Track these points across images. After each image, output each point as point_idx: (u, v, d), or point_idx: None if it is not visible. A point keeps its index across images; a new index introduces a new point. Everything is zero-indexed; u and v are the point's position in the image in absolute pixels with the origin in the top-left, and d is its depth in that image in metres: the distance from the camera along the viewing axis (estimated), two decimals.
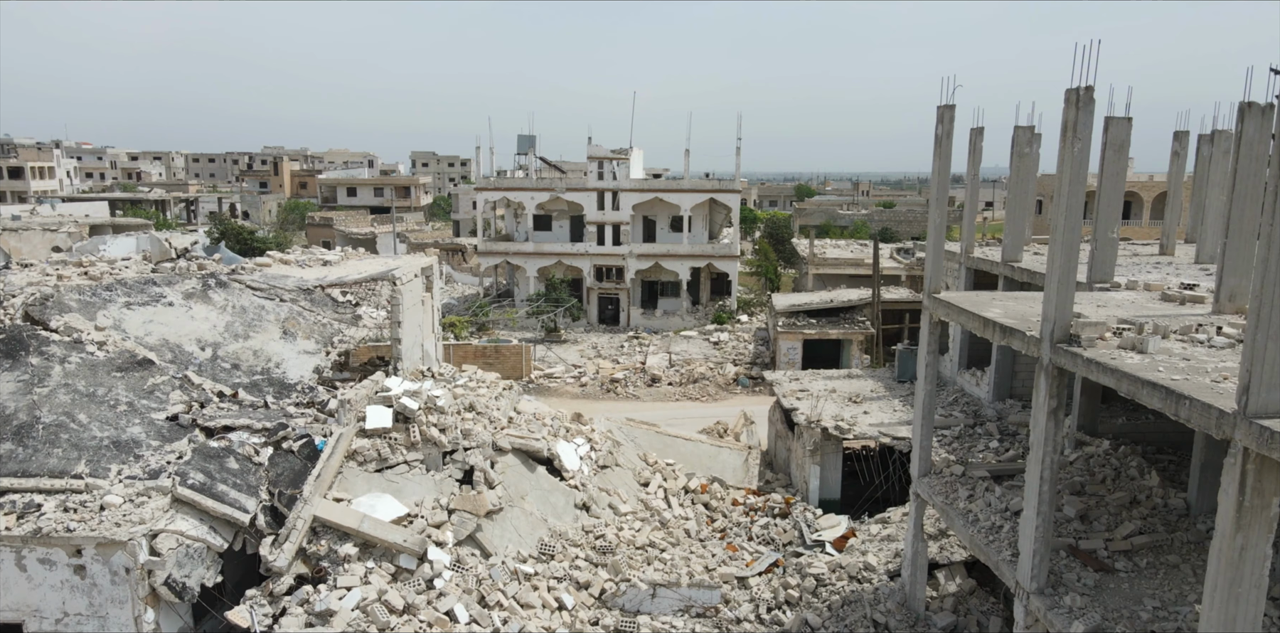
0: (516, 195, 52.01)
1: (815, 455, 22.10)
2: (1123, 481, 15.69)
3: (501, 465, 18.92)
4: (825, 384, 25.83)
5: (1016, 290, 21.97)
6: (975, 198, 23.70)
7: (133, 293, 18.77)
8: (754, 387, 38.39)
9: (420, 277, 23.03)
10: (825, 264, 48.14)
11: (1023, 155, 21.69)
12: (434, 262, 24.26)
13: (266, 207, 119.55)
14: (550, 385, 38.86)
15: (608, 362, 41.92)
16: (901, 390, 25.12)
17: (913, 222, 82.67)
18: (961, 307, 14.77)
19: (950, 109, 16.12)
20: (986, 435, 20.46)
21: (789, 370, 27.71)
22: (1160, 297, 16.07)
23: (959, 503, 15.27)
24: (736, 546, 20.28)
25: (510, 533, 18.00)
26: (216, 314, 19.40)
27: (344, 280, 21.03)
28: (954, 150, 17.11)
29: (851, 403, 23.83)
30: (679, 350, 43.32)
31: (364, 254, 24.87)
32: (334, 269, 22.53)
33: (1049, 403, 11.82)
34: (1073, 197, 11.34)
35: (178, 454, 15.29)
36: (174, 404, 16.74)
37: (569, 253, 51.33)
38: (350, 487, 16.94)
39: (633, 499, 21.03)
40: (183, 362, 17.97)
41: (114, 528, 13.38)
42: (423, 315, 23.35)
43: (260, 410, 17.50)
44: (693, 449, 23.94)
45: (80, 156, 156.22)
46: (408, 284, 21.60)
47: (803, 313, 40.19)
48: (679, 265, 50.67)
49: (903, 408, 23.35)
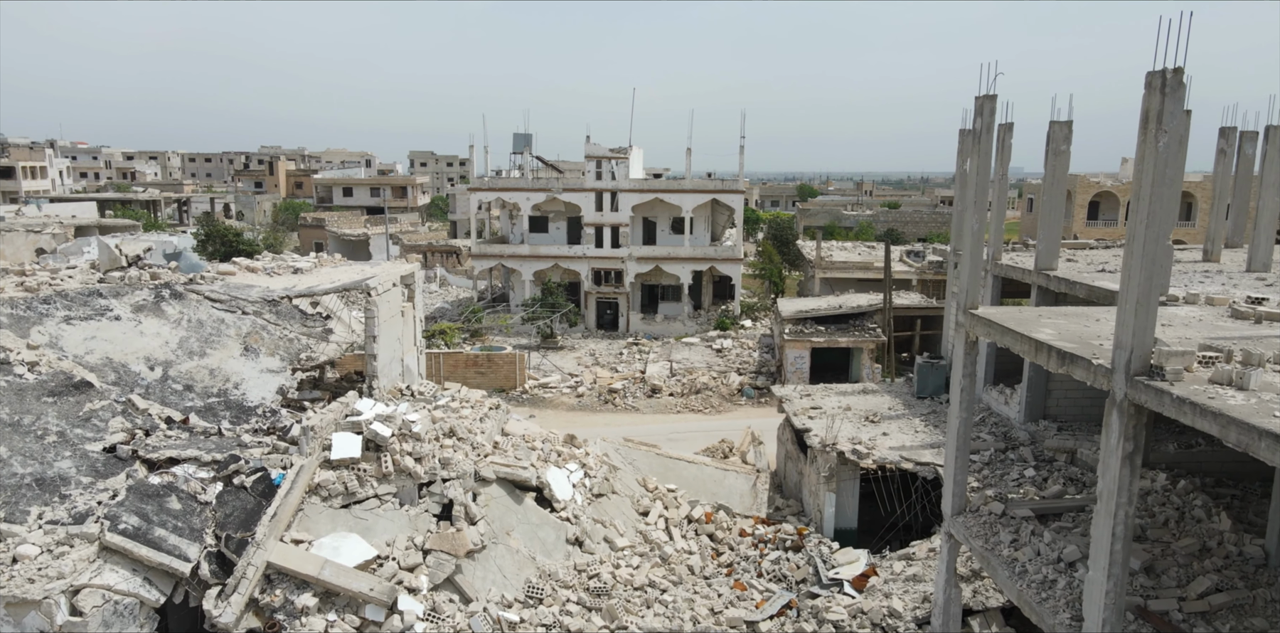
0: (512, 196, 50.08)
1: (830, 482, 20.21)
2: (1188, 523, 13.80)
3: (485, 497, 17.04)
4: (839, 401, 23.93)
5: (1052, 303, 20.12)
6: (1003, 199, 21.80)
7: (74, 306, 16.89)
8: (759, 398, 36.50)
9: (399, 286, 21.15)
10: (833, 268, 46.23)
11: (1058, 153, 19.84)
12: (416, 269, 22.38)
13: (261, 207, 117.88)
14: (545, 396, 36.99)
15: (606, 370, 40.04)
16: (922, 408, 23.22)
17: (919, 222, 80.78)
18: (1006, 325, 12.89)
19: (991, 100, 14.29)
20: (1020, 462, 18.56)
21: (799, 385, 25.82)
22: (1229, 313, 14.19)
23: (1002, 549, 13.37)
24: (745, 583, 18.40)
25: (493, 574, 16.12)
26: (170, 329, 17.52)
27: (314, 290, 19.14)
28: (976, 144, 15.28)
29: (869, 422, 21.93)
30: (680, 358, 41.43)
31: (339, 261, 22.98)
32: (305, 278, 20.65)
33: (1123, 446, 9.93)
34: (1158, 200, 9.45)
35: (111, 493, 13.41)
36: (113, 433, 14.87)
37: (566, 255, 49.44)
38: (312, 526, 15.06)
39: (631, 531, 19.14)
40: (128, 383, 16.09)
41: (26, 585, 11.52)
42: (402, 327, 21.47)
43: (213, 439, 15.62)
44: (696, 473, 22.05)
45: (75, 156, 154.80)
46: (384, 294, 19.72)
47: (810, 320, 38.30)
48: (680, 269, 48.77)
49: (925, 428, 21.45)
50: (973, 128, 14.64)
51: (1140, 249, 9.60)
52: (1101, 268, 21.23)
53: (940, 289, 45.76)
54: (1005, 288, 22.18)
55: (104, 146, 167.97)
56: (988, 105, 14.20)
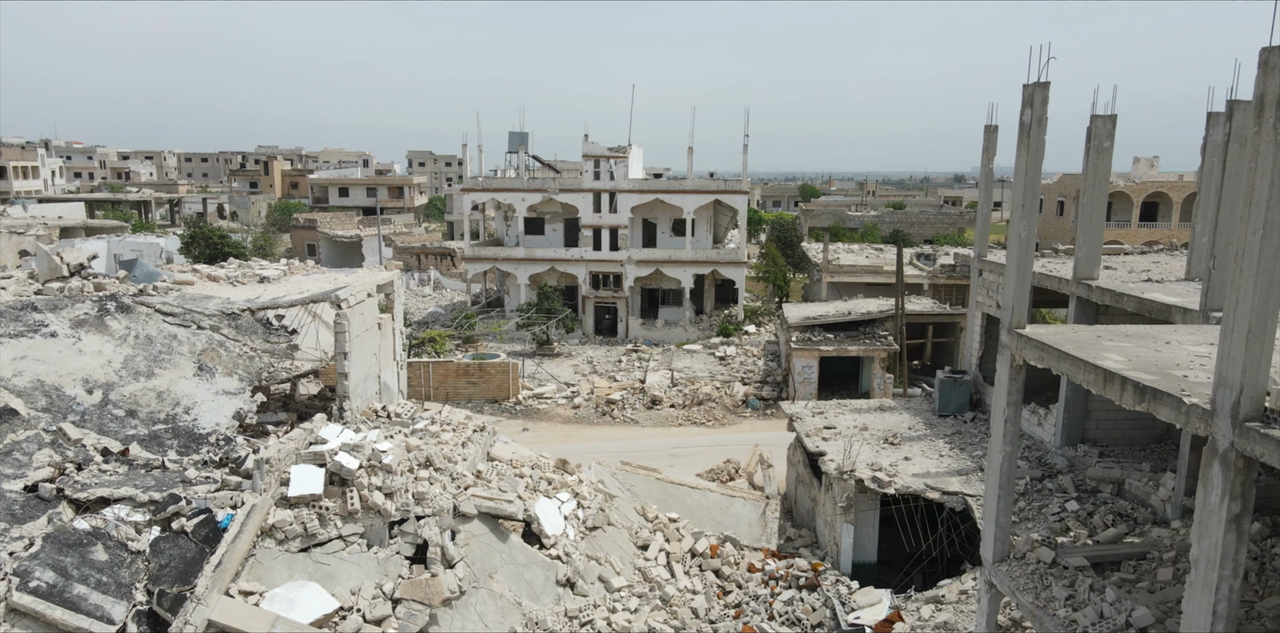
0: (506, 197, 48.23)
1: (848, 513, 18.38)
2: (1270, 577, 11.98)
3: (465, 536, 15.21)
4: (854, 419, 22.11)
5: (1093, 317, 18.30)
6: (1035, 200, 19.96)
7: (3, 321, 15.07)
8: (765, 409, 34.69)
9: (376, 296, 19.33)
10: (840, 272, 44.39)
11: (1101, 150, 18.04)
12: (395, 277, 20.57)
13: (256, 207, 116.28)
14: (540, 407, 35.17)
15: (604, 380, 38.21)
16: (945, 427, 21.41)
17: (926, 223, 79.01)
18: (1064, 350, 11.06)
19: (1043, 88, 12.53)
20: (1060, 493, 16.76)
21: (810, 402, 23.98)
22: None
23: (1057, 607, 11.54)
24: (754, 628, 16.57)
25: (474, 623, 14.31)
26: (114, 347, 15.69)
27: (279, 302, 17.31)
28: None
29: (888, 445, 20.11)
30: (682, 366, 39.60)
31: (312, 268, 21.15)
32: (271, 287, 18.83)
33: (1228, 506, 8.11)
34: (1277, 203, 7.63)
35: (25, 543, 11.59)
36: (37, 469, 13.05)
37: (563, 259, 47.60)
38: (265, 574, 13.23)
39: (628, 568, 17.32)
40: (60, 409, 14.27)
41: None
42: (380, 342, 19.66)
43: (154, 474, 13.80)
44: (700, 500, 20.24)
45: (69, 156, 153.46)
46: (357, 306, 17.91)
47: (818, 327, 36.48)
48: (681, 272, 46.93)
49: (950, 452, 19.63)
50: (1021, 119, 12.85)
51: (1254, 266, 7.77)
52: (1146, 277, 19.40)
53: (953, 294, 43.91)
54: (1037, 298, 20.36)
55: (99, 146, 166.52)
56: (1039, 95, 12.43)
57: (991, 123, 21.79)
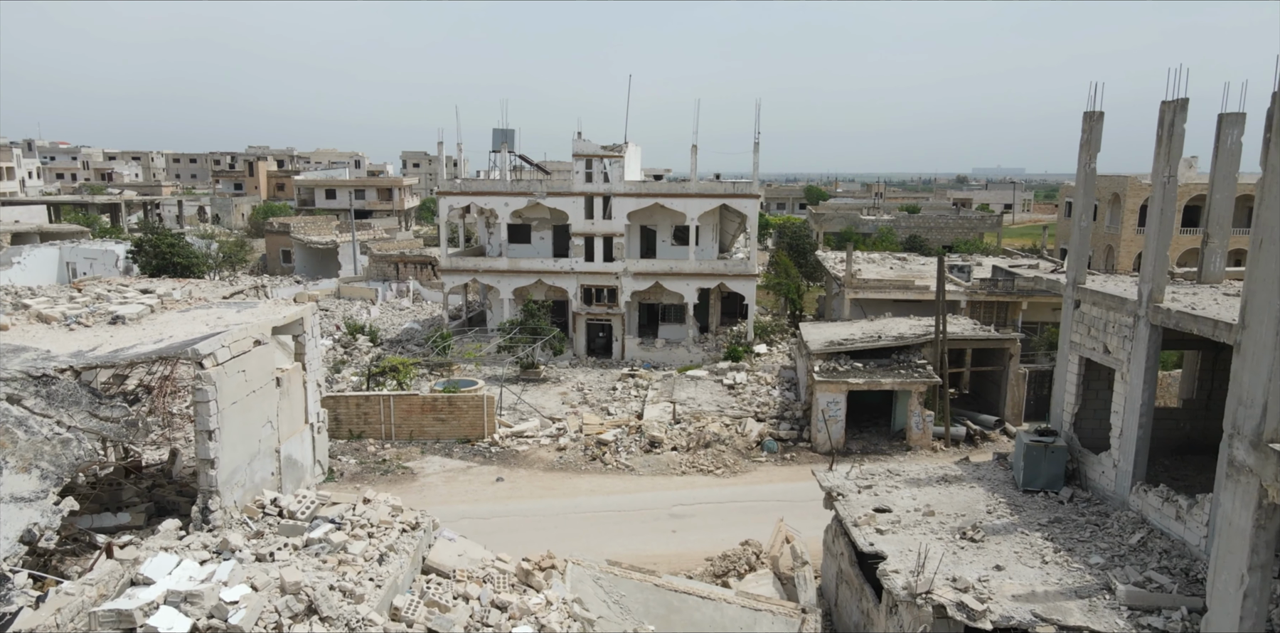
0: (488, 201, 43.02)
1: None
2: None
3: None
4: (912, 496, 16.93)
5: None
6: (1170, 215, 14.79)
7: None
8: (784, 453, 29.48)
9: (270, 343, 14.13)
10: (865, 287, 39.17)
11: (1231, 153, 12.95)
12: (306, 312, 15.37)
13: (239, 210, 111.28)
14: (519, 449, 29.97)
15: (594, 414, 32.99)
16: (1036, 511, 16.21)
17: (944, 228, 73.68)
18: None
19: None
20: None
21: (850, 468, 18.70)
22: None
23: None
24: None
25: None
26: None
27: (117, 359, 12.12)
28: None
29: (967, 541, 14.92)
30: (685, 397, 34.36)
31: (196, 301, 15.92)
32: (122, 332, 13.61)
33: None
34: None
35: None
36: None
37: (551, 271, 42.39)
38: None
39: None
40: None
41: None
42: (280, 404, 14.45)
43: None
44: (713, 615, 15.03)
45: (53, 156, 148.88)
46: (231, 362, 12.70)
47: (844, 354, 31.27)
48: (684, 286, 41.71)
49: (1055, 554, 14.40)
50: None
51: None
52: None
53: (993, 313, 38.68)
54: (1166, 336, 15.20)
55: (84, 146, 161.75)
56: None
57: (1094, 109, 16.60)
